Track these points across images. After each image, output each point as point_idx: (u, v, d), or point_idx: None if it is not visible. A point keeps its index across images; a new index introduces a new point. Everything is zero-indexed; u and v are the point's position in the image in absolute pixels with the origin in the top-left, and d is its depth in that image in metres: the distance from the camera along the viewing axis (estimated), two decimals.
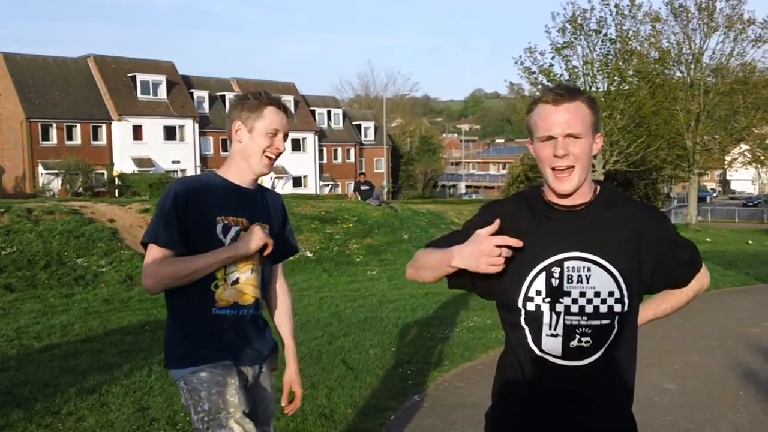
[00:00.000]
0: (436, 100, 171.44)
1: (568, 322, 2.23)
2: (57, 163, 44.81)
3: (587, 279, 2.23)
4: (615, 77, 33.13)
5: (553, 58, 33.67)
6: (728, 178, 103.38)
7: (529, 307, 2.26)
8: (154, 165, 50.12)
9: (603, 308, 2.23)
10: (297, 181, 60.24)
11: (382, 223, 19.17)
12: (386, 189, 59.30)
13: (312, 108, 64.13)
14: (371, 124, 70.04)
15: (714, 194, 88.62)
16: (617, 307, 2.24)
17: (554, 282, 2.24)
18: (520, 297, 2.27)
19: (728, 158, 46.45)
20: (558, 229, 2.27)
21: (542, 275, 2.25)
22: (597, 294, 2.23)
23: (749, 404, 6.08)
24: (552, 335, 2.25)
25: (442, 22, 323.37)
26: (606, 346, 2.25)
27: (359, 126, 69.06)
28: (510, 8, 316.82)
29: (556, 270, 2.24)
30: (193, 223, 2.74)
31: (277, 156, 2.90)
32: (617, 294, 2.23)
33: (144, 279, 2.73)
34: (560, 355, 2.25)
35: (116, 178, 45.85)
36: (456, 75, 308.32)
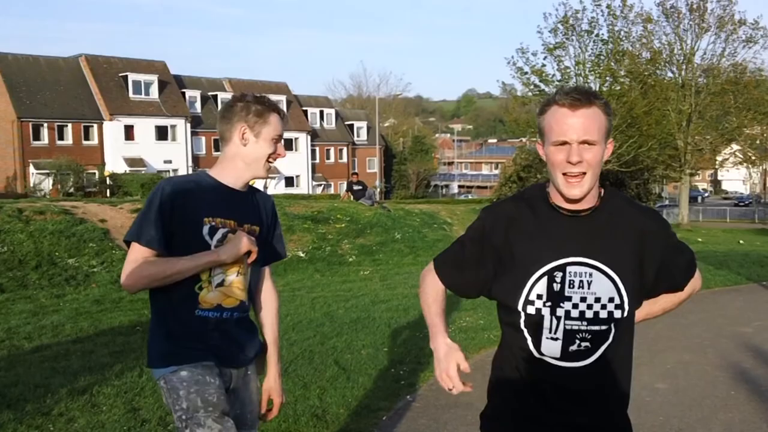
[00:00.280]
0: (429, 100, 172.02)
1: (569, 327, 2.23)
2: (48, 163, 44.71)
3: (588, 284, 2.22)
4: (607, 78, 33.21)
5: (545, 59, 33.77)
6: (719, 178, 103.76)
7: (530, 311, 2.26)
8: (146, 165, 50.04)
9: (603, 314, 2.23)
10: (289, 181, 60.22)
11: (375, 223, 19.16)
12: (379, 189, 59.22)
13: (304, 108, 64.13)
14: (364, 124, 70.05)
15: (706, 194, 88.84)
16: (617, 313, 2.24)
17: (556, 286, 2.23)
18: (521, 300, 2.26)
19: (719, 158, 46.65)
20: (562, 233, 2.26)
21: (544, 279, 2.24)
22: (597, 300, 2.23)
23: (741, 403, 6.09)
24: (552, 338, 2.25)
25: (435, 23, 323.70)
26: (604, 349, 2.26)
27: (352, 126, 69.07)
28: (503, 9, 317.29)
29: (558, 274, 2.23)
30: (179, 223, 2.72)
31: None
32: (617, 300, 2.24)
33: (123, 277, 2.73)
34: (559, 357, 2.25)
35: (108, 178, 45.78)
36: (449, 75, 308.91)
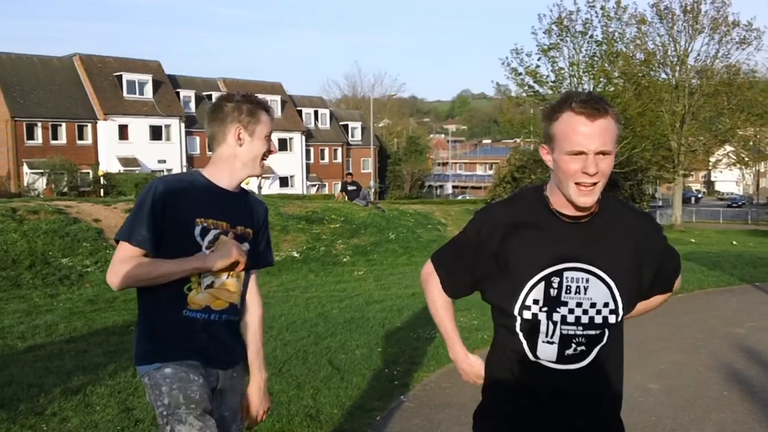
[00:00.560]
0: (424, 101, 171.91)
1: (565, 332, 2.24)
2: (42, 163, 44.65)
3: (585, 290, 2.23)
4: (601, 79, 33.22)
5: (540, 60, 33.75)
6: (713, 179, 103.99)
7: (526, 315, 2.26)
8: (140, 165, 49.98)
9: (598, 319, 2.25)
10: (284, 181, 60.18)
11: (369, 224, 19.16)
12: (373, 189, 59.29)
13: (299, 108, 64.12)
14: (358, 125, 70.05)
15: (700, 195, 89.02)
16: (611, 318, 2.26)
17: (553, 292, 2.24)
18: (517, 305, 2.26)
19: (713, 159, 46.82)
20: (560, 239, 2.25)
21: (541, 284, 2.24)
22: (593, 305, 2.24)
23: (733, 404, 6.11)
24: (548, 342, 2.26)
25: (430, 23, 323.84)
26: (598, 350, 2.28)
27: (346, 126, 69.06)
28: (497, 9, 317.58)
29: (556, 280, 2.24)
30: (170, 223, 2.71)
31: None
32: (612, 305, 2.25)
33: (109, 275, 2.71)
34: (555, 361, 2.26)
35: (102, 178, 45.70)
36: (443, 76, 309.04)
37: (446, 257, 2.49)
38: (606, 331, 2.27)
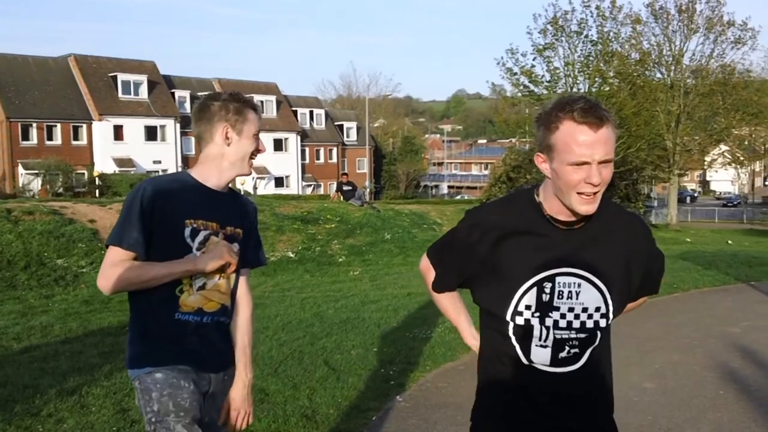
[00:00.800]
0: (419, 101, 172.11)
1: (558, 336, 2.25)
2: (37, 163, 44.55)
3: (577, 295, 2.23)
4: (596, 78, 33.29)
5: (535, 60, 33.81)
6: (708, 179, 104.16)
7: (518, 321, 2.26)
8: (135, 165, 49.89)
9: (589, 323, 2.26)
10: (279, 182, 60.14)
11: (365, 224, 19.16)
12: (369, 189, 59.24)
13: (294, 108, 64.07)
14: (354, 125, 70.03)
15: (695, 194, 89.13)
16: (602, 322, 2.27)
17: (545, 297, 2.24)
18: (509, 311, 2.26)
19: (708, 159, 46.88)
20: (553, 245, 2.24)
21: (533, 290, 2.24)
22: (585, 310, 2.25)
23: (729, 403, 6.12)
24: (542, 346, 2.26)
25: (425, 23, 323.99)
26: (590, 352, 2.28)
27: (341, 126, 69.04)
28: (492, 9, 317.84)
29: (548, 285, 2.23)
30: (159, 225, 2.68)
31: None
32: (603, 309, 2.26)
33: (99, 279, 2.68)
34: (548, 364, 2.27)
35: (97, 179, 45.61)
36: (438, 76, 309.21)
37: (439, 254, 2.50)
38: (598, 334, 2.28)
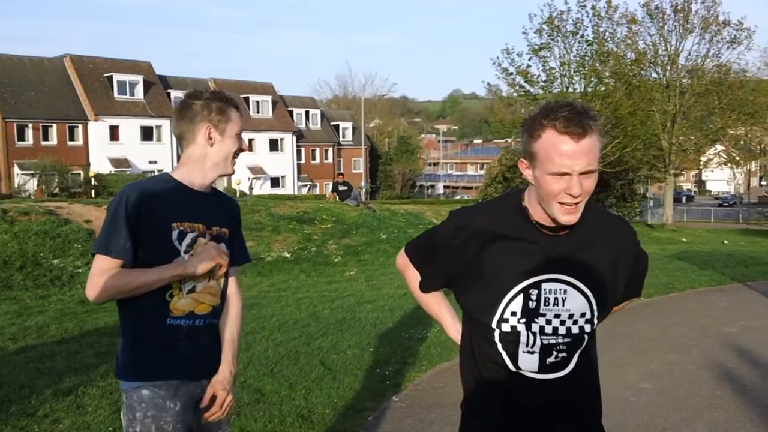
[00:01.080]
0: (414, 101, 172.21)
1: (545, 341, 2.24)
2: (33, 164, 44.48)
3: (563, 302, 2.22)
4: (592, 78, 33.32)
5: (531, 59, 33.83)
6: (704, 179, 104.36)
7: (504, 328, 2.24)
8: (131, 165, 49.84)
9: (575, 329, 2.25)
10: (275, 182, 60.12)
11: (361, 224, 19.16)
12: (364, 189, 59.27)
13: (290, 108, 64.07)
14: (349, 125, 70.04)
15: (692, 194, 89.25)
16: (587, 327, 2.27)
17: (531, 304, 2.22)
18: (495, 318, 2.24)
19: (704, 159, 46.95)
20: (539, 251, 2.22)
21: (520, 297, 2.22)
22: (571, 316, 2.24)
23: (725, 403, 6.12)
24: (529, 352, 2.25)
25: (421, 23, 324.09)
26: (577, 357, 2.28)
27: (337, 126, 69.04)
28: (488, 9, 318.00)
29: (534, 292, 2.21)
30: (146, 229, 2.63)
31: None
32: (588, 315, 2.26)
33: (88, 289, 2.63)
34: (536, 371, 2.26)
35: (93, 179, 45.55)
36: (434, 76, 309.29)
37: (420, 253, 2.47)
38: (585, 338, 2.28)
